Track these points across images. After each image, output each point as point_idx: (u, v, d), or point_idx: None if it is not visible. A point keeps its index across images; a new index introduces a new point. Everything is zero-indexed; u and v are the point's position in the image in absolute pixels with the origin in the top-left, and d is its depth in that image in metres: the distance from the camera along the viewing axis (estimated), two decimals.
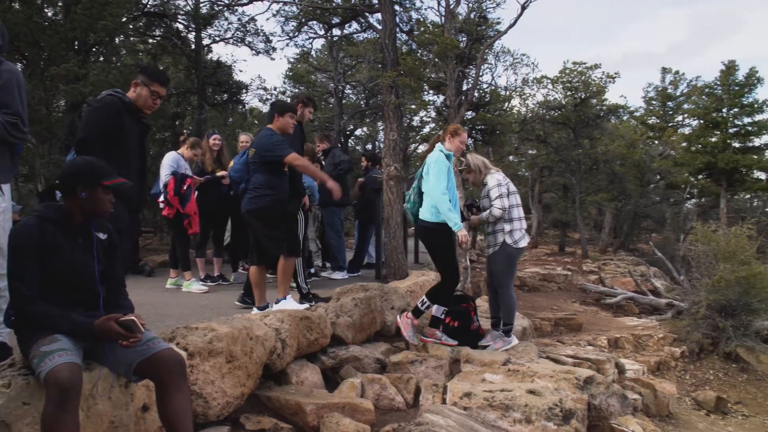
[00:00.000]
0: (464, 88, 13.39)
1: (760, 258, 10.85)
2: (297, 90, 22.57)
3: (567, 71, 19.06)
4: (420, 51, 12.92)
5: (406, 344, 5.22)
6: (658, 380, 7.29)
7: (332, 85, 18.17)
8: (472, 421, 3.46)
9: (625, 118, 25.90)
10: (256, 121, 19.72)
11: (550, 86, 19.23)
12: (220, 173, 6.94)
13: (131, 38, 14.09)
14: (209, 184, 6.90)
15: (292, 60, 21.39)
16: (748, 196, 27.94)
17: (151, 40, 14.27)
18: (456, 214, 4.74)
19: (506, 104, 18.87)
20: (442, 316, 5.10)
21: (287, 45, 14.39)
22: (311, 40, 15.44)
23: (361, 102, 20.81)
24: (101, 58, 12.16)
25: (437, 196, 4.77)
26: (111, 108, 3.36)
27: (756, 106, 24.05)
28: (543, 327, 9.70)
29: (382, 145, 8.27)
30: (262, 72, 75.64)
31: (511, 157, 23.69)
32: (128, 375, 2.37)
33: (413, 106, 15.93)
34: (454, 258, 5.04)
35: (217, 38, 14.89)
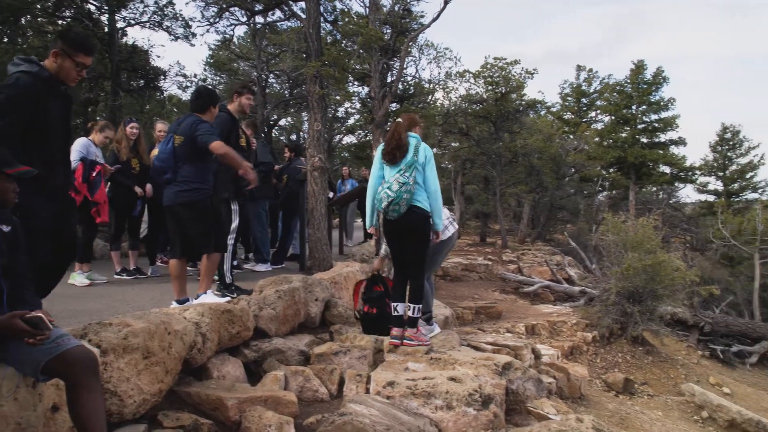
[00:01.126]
0: (389, 80, 13.46)
1: (664, 247, 11.56)
2: (218, 78, 21.97)
3: (488, 66, 19.54)
4: (345, 42, 12.88)
5: (330, 335, 5.21)
6: (571, 364, 7.65)
7: (255, 73, 17.77)
8: (395, 409, 3.51)
9: (542, 113, 26.93)
10: (175, 109, 19.02)
11: (472, 80, 19.65)
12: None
13: (38, 19, 13.22)
14: (129, 174, 6.61)
15: (213, 47, 20.78)
16: (654, 188, 29.73)
17: (60, 21, 13.45)
18: None
19: (430, 97, 19.16)
20: (418, 315, 4.89)
21: (208, 31, 13.96)
22: (233, 26, 15.10)
23: (285, 92, 20.49)
24: (5, 39, 11.35)
25: (438, 190, 4.72)
26: (27, 93, 2.96)
27: (662, 103, 25.62)
28: (465, 316, 9.96)
29: (306, 136, 8.19)
30: (181, 58, 73.31)
31: (434, 150, 24.05)
32: (35, 375, 2.23)
33: (338, 97, 15.86)
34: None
35: (133, 21, 14.27)
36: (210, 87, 9.71)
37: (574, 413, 4.54)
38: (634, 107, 26.15)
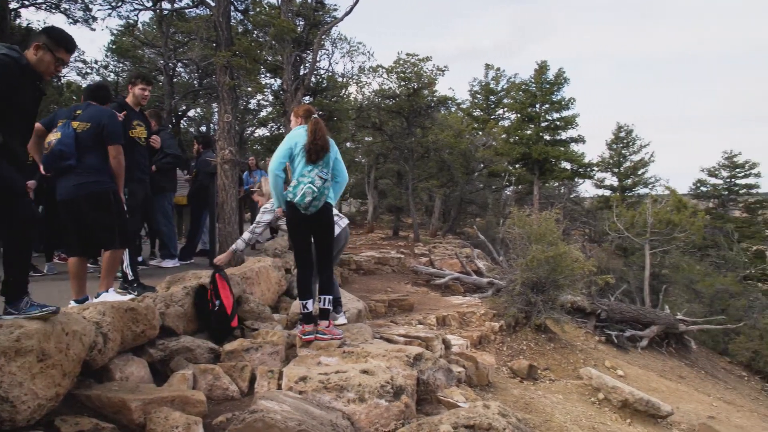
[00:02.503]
0: (301, 72, 13.33)
1: (565, 239, 12.18)
2: (122, 65, 20.85)
3: (401, 62, 19.76)
4: (256, 32, 12.61)
5: (241, 332, 5.11)
6: (479, 353, 7.93)
7: (162, 61, 17.02)
8: (308, 404, 3.50)
9: (453, 109, 27.60)
10: (74, 96, 17.89)
11: (385, 75, 19.82)
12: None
13: None
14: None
15: (115, 32, 19.69)
16: (556, 183, 31.22)
17: None
18: None
19: (343, 91, 19.14)
20: (329, 306, 4.89)
21: (109, 15, 13.16)
22: (137, 11, 14.37)
23: (194, 81, 19.78)
24: None
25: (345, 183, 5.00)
26: (3, 72, 2.95)
27: (563, 103, 26.93)
28: (377, 309, 10.06)
29: (216, 128, 7.95)
30: (80, 43, 68.87)
31: (348, 144, 24.10)
32: None
33: (249, 89, 15.52)
34: None
35: (27, 2, 13.25)
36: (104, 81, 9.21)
37: (481, 400, 4.71)
38: (537, 106, 27.34)
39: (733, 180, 31.43)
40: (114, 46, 20.29)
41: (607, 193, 32.07)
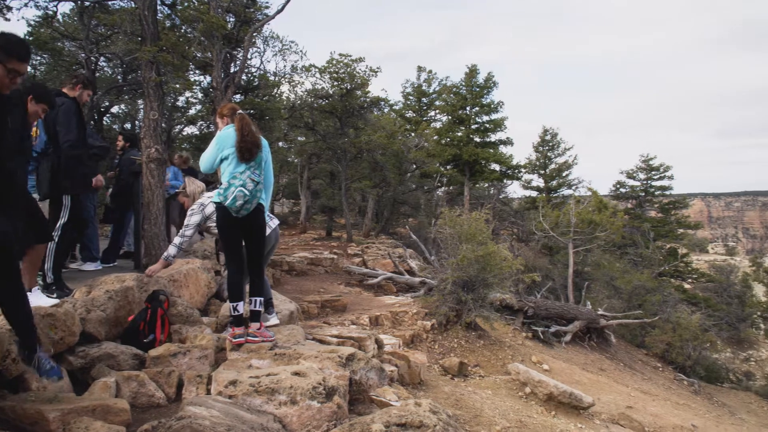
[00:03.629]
0: (232, 70, 13.06)
1: (494, 239, 12.51)
2: (39, 58, 19.74)
3: (334, 62, 19.70)
4: (184, 27, 12.26)
5: (168, 336, 4.96)
6: (411, 352, 8.02)
7: (83, 55, 16.21)
8: (238, 408, 3.44)
9: (386, 110, 27.75)
10: None
11: (318, 75, 19.68)
12: None
13: None
14: None
15: (33, 23, 18.60)
16: (486, 184, 31.97)
17: None
18: None
19: (275, 90, 18.90)
20: (260, 308, 4.79)
21: (26, 5, 12.41)
22: (56, 2, 13.63)
23: (118, 76, 18.97)
24: None
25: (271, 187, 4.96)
26: None
27: (492, 106, 27.61)
28: (310, 310, 9.99)
29: (142, 125, 7.66)
30: None
31: (280, 144, 23.81)
32: None
33: (177, 86, 15.05)
34: None
35: None
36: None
37: (413, 398, 4.77)
38: (468, 108, 27.91)
39: (649, 182, 33.18)
40: (31, 38, 19.16)
41: (534, 194, 33.13)
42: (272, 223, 5.38)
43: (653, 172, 32.90)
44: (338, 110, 20.05)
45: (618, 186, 34.27)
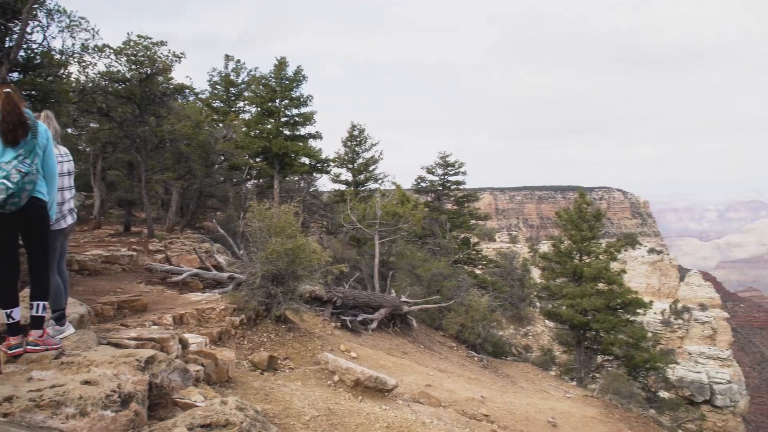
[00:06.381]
0: (7, 44, 11.50)
1: (304, 231, 12.65)
2: None
3: (132, 44, 18.28)
4: None
5: None
6: (219, 349, 7.80)
7: None
8: (15, 427, 3.06)
9: (191, 98, 26.48)
10: None
11: (113, 57, 18.12)
12: None
13: None
14: None
15: None
16: (296, 177, 32.08)
17: None
18: None
19: (62, 70, 16.98)
20: (43, 313, 4.22)
21: None
22: None
23: None
24: None
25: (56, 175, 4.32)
26: None
27: (302, 99, 27.74)
28: (105, 312, 9.21)
29: None
30: None
31: (69, 130, 21.47)
32: None
33: None
34: None
35: None
36: None
37: (220, 397, 4.66)
38: (277, 101, 27.72)
39: (446, 177, 35.99)
40: None
41: (343, 187, 34.02)
42: (68, 219, 4.89)
43: (449, 168, 35.71)
44: (137, 96, 18.67)
45: (419, 181, 36.64)
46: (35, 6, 11.28)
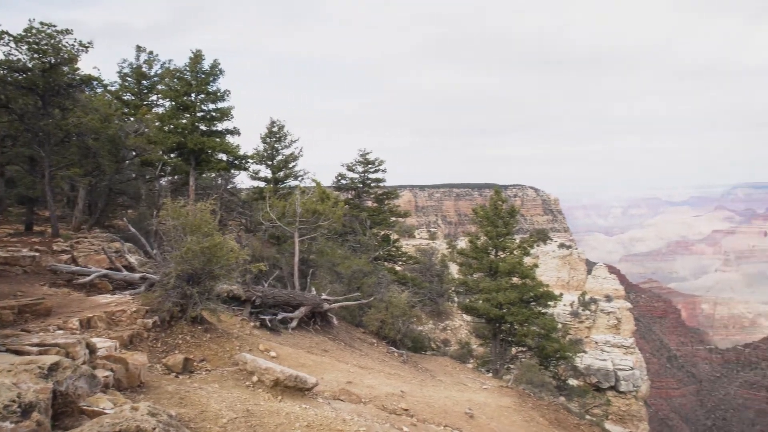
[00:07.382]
0: None
1: (221, 230, 12.37)
2: None
3: (35, 31, 17.17)
4: None
5: None
6: (130, 353, 7.52)
7: None
8: None
9: (99, 91, 25.19)
10: None
11: (12, 45, 16.95)
12: None
13: None
14: None
15: None
16: (213, 174, 31.24)
17: None
18: None
19: None
20: None
21: None
22: None
23: None
24: None
25: None
26: None
27: (219, 94, 27.07)
28: (4, 317, 8.66)
29: None
30: None
31: None
32: None
33: None
34: None
35: None
36: None
37: (131, 403, 4.51)
38: (193, 95, 26.87)
39: (366, 174, 36.14)
40: None
41: (262, 184, 33.47)
42: None
43: (369, 166, 35.88)
44: (39, 87, 17.57)
45: (339, 178, 36.60)
46: None
